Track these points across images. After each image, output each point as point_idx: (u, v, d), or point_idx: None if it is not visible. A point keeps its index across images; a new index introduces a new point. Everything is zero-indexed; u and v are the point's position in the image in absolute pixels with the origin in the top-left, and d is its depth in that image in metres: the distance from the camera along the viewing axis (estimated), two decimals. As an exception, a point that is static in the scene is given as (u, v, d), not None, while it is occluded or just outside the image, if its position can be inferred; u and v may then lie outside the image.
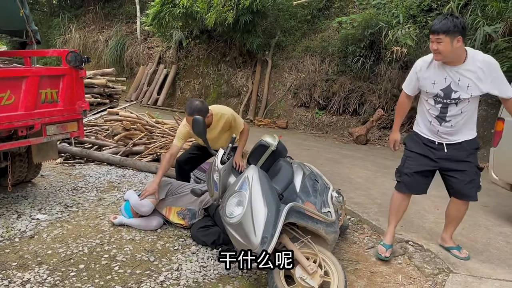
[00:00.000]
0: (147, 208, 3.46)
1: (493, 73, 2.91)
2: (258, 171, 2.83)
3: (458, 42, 2.81)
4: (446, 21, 2.81)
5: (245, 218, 2.57)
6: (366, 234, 3.77)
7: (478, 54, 2.96)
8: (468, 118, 3.06)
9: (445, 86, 2.99)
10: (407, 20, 9.59)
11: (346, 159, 6.90)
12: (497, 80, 2.92)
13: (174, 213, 3.57)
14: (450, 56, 2.89)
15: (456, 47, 2.83)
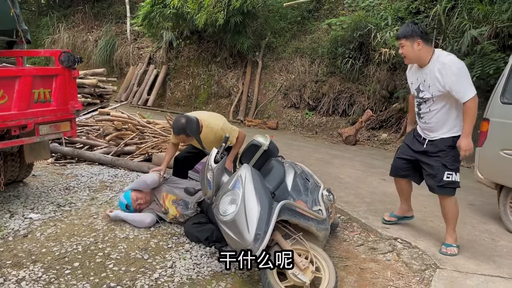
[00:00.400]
0: (151, 177, 3.64)
1: (451, 75, 3.12)
2: (251, 170, 2.89)
3: (419, 45, 3.19)
4: (405, 27, 3.26)
5: (239, 215, 2.63)
6: (356, 232, 3.86)
7: (441, 56, 3.22)
8: (441, 116, 3.28)
9: (417, 86, 3.37)
10: (395, 22, 9.73)
11: (335, 159, 7.00)
12: (454, 83, 3.12)
13: (169, 200, 3.65)
14: (414, 59, 3.29)
15: (417, 49, 3.20)
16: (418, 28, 3.22)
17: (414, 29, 3.20)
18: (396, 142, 9.13)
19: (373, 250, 3.49)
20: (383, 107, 10.08)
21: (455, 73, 3.11)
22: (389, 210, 4.28)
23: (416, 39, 3.18)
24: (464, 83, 3.12)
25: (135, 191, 3.63)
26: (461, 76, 3.12)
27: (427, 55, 3.23)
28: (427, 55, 3.23)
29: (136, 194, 3.61)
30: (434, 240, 3.59)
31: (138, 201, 3.60)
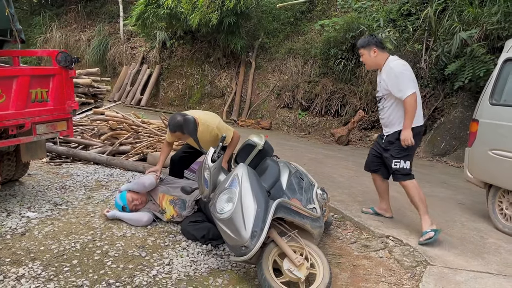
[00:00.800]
0: (149, 180, 3.66)
1: (393, 78, 3.64)
2: (247, 169, 2.96)
3: (374, 52, 3.75)
4: (363, 39, 3.87)
5: (235, 213, 2.69)
6: (349, 230, 3.94)
7: (391, 61, 3.72)
8: (391, 112, 3.77)
9: (377, 87, 3.92)
10: (387, 24, 9.87)
11: (328, 159, 7.08)
12: (394, 85, 3.63)
13: (167, 201, 3.69)
14: (372, 65, 3.86)
15: (374, 56, 3.77)
16: (373, 38, 3.80)
17: (370, 40, 3.78)
18: (388, 142, 9.24)
19: (365, 247, 3.57)
20: (375, 107, 10.19)
21: (396, 75, 3.60)
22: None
23: (372, 48, 3.76)
24: (402, 84, 3.58)
25: (131, 192, 3.67)
26: (400, 78, 3.59)
27: (382, 60, 3.75)
28: (382, 60, 3.76)
29: (132, 195, 3.65)
30: (425, 238, 3.69)
31: (134, 202, 3.64)
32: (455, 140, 8.12)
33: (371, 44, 3.77)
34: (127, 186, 3.76)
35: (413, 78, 3.71)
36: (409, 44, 9.54)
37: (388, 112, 3.79)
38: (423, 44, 9.41)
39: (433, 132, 8.64)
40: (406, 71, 3.65)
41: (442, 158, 7.96)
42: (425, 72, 9.30)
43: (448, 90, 8.88)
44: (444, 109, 8.86)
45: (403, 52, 9.67)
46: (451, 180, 6.07)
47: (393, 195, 4.87)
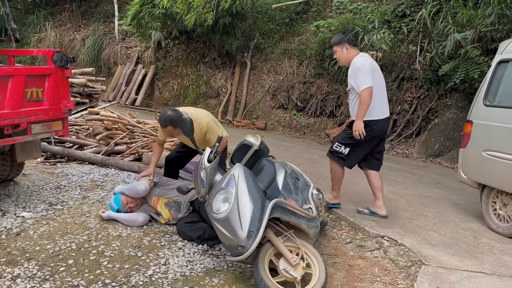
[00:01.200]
0: (143, 186, 3.61)
1: (352, 72, 3.96)
2: (244, 169, 2.97)
3: (347, 49, 4.04)
4: (336, 37, 4.18)
5: (232, 213, 2.70)
6: (344, 230, 3.96)
7: (356, 57, 4.00)
8: (354, 105, 4.06)
9: None
10: (382, 25, 9.92)
11: (323, 160, 7.07)
12: (352, 78, 3.96)
13: (161, 204, 3.68)
14: (345, 61, 4.13)
15: (346, 53, 4.06)
16: (345, 36, 4.12)
17: (343, 37, 4.09)
18: (382, 143, 9.28)
19: (360, 247, 3.60)
20: (369, 108, 10.24)
21: (355, 70, 3.91)
22: (376, 209, 4.41)
23: (344, 45, 4.05)
24: (359, 78, 3.87)
25: (125, 195, 3.65)
26: (358, 73, 3.88)
27: (353, 57, 4.02)
28: (352, 57, 4.02)
29: (126, 198, 3.64)
30: (419, 238, 3.72)
31: (128, 205, 3.62)
32: (449, 141, 8.18)
33: (343, 42, 4.05)
34: (121, 188, 3.73)
35: (373, 73, 3.94)
36: (403, 45, 9.60)
37: (352, 104, 4.11)
38: (417, 45, 9.46)
39: (427, 133, 8.69)
40: (365, 66, 3.90)
41: (436, 159, 8.02)
42: (420, 73, 9.36)
43: (442, 92, 8.94)
44: (438, 110, 8.91)
45: (397, 53, 9.75)
46: (445, 181, 6.11)
47: (388, 196, 4.92)
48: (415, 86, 9.56)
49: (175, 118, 3.54)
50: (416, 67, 9.46)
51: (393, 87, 9.85)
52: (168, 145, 5.85)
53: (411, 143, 8.96)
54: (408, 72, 9.65)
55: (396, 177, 6.13)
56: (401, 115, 9.52)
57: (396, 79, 9.97)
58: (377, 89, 3.98)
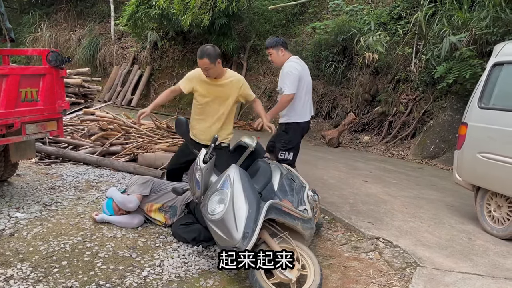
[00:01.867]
0: (133, 204, 3.53)
1: (281, 75, 4.19)
2: (239, 170, 2.96)
3: (282, 52, 4.24)
4: (271, 39, 4.31)
5: (227, 214, 2.70)
6: (339, 231, 3.96)
7: (288, 61, 4.19)
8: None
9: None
10: (378, 27, 9.94)
11: (319, 161, 7.11)
12: (280, 81, 4.20)
13: (155, 210, 3.64)
14: (280, 63, 4.28)
15: (281, 55, 4.25)
16: (280, 39, 4.28)
17: (278, 41, 4.25)
18: (378, 144, 9.32)
19: (356, 249, 3.60)
20: (365, 110, 10.28)
21: (284, 74, 4.13)
22: (371, 211, 4.42)
23: (279, 48, 4.22)
24: (285, 83, 4.10)
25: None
26: (285, 78, 4.10)
27: (286, 60, 4.20)
28: (286, 60, 4.21)
29: (118, 205, 3.60)
30: (414, 240, 3.72)
31: (120, 212, 3.56)
32: (444, 143, 8.20)
33: (278, 45, 4.22)
34: (113, 193, 3.63)
35: (301, 79, 4.15)
36: (399, 47, 9.62)
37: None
38: (413, 47, 9.48)
39: (422, 135, 8.72)
40: (294, 72, 4.10)
41: (431, 160, 8.04)
42: (415, 75, 9.39)
43: (438, 94, 8.97)
44: (434, 112, 8.94)
45: (393, 56, 9.78)
46: (440, 183, 6.13)
47: (383, 197, 4.93)
48: (411, 88, 9.60)
49: (212, 53, 3.57)
50: (411, 69, 9.48)
51: (389, 89, 9.89)
52: (164, 146, 5.84)
53: (407, 145, 8.99)
54: (404, 74, 9.69)
55: (392, 178, 6.14)
56: (396, 117, 9.55)
57: (392, 81, 10.01)
58: (305, 94, 4.28)
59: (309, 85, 4.41)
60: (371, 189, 5.34)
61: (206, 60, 3.57)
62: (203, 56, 3.57)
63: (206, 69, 3.66)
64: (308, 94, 4.41)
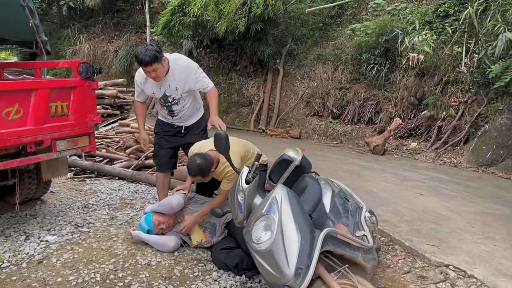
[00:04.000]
0: (177, 200, 3.30)
1: (194, 74, 3.71)
2: (287, 192, 2.57)
3: (165, 61, 3.48)
4: (149, 53, 3.31)
5: (275, 245, 2.31)
6: (399, 256, 3.48)
7: (177, 60, 3.66)
8: (192, 107, 3.88)
9: (162, 94, 3.68)
10: (423, 26, 9.36)
11: (365, 171, 6.62)
12: (199, 80, 3.76)
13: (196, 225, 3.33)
14: (164, 74, 3.55)
15: (166, 65, 3.52)
16: (158, 48, 3.42)
17: (157, 51, 3.37)
18: (427, 151, 8.69)
19: (422, 278, 3.11)
20: (411, 114, 9.65)
21: (196, 71, 3.68)
22: (433, 231, 3.91)
23: (163, 58, 3.43)
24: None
25: (157, 214, 3.33)
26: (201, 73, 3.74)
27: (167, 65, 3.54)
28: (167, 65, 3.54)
29: (158, 218, 3.32)
30: (492, 268, 3.18)
31: (160, 226, 3.30)
32: (502, 149, 7.50)
33: (161, 55, 3.44)
34: (152, 207, 3.41)
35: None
36: (447, 47, 8.98)
37: (189, 108, 3.84)
38: (463, 46, 8.82)
39: (477, 141, 8.03)
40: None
41: (488, 168, 7.35)
42: (466, 76, 8.71)
43: (492, 95, 8.26)
44: (489, 115, 8.23)
45: (441, 56, 9.14)
46: (505, 194, 5.50)
47: (444, 213, 4.41)
48: (461, 90, 8.91)
49: (204, 167, 3.12)
50: (461, 70, 8.81)
51: (436, 91, 9.25)
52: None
53: (459, 151, 8.31)
54: (453, 75, 9.02)
55: (448, 190, 5.56)
56: (446, 121, 8.88)
57: (440, 82, 9.36)
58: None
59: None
60: (428, 204, 4.81)
61: (199, 177, 3.19)
62: (195, 174, 3.14)
63: (197, 179, 3.33)
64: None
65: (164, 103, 3.73)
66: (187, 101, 3.78)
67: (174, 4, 11.13)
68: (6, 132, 3.09)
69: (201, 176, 3.15)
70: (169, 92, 3.64)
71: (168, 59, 3.53)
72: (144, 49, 3.31)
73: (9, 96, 3.13)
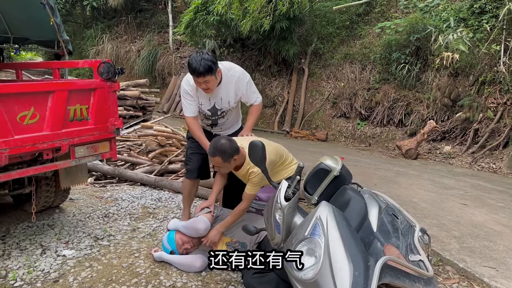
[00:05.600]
0: (204, 225, 2.95)
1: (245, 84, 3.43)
2: (333, 210, 2.23)
3: (219, 72, 3.17)
4: (203, 64, 2.98)
5: (322, 275, 1.97)
6: (453, 279, 3.09)
7: (230, 70, 3.33)
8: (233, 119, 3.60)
9: (211, 106, 3.38)
10: (457, 23, 8.85)
11: (400, 177, 6.20)
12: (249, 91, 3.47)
13: (223, 244, 3.03)
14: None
15: (219, 77, 3.20)
16: (213, 58, 3.07)
17: (213, 61, 3.04)
18: (462, 155, 8.20)
19: (482, 308, 2.73)
20: (444, 116, 9.17)
21: (249, 84, 3.41)
22: (486, 249, 3.51)
23: (217, 69, 3.12)
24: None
25: (180, 233, 3.03)
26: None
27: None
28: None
29: (182, 237, 3.01)
30: None
31: (184, 246, 3.00)
32: None
33: (218, 66, 3.11)
34: (176, 224, 3.10)
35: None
36: (483, 45, 8.45)
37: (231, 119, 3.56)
38: (501, 44, 8.29)
39: (518, 145, 7.52)
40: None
41: (532, 175, 6.85)
42: (505, 75, 8.18)
43: (536, 96, 7.73)
44: (531, 117, 7.70)
45: (477, 54, 8.62)
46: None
47: (495, 228, 4.00)
48: (500, 91, 8.38)
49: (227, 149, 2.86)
50: (500, 69, 8.28)
51: (472, 92, 8.74)
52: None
53: (498, 156, 7.79)
54: (490, 75, 8.50)
55: (495, 200, 5.12)
56: (483, 123, 8.37)
57: (475, 83, 8.85)
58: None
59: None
60: (475, 216, 4.39)
61: (218, 159, 2.89)
62: (215, 153, 2.87)
63: (217, 166, 3.02)
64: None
65: (211, 116, 3.40)
66: (232, 112, 3.49)
67: (198, 3, 10.89)
68: (21, 138, 2.84)
69: (222, 157, 2.85)
70: (220, 105, 3.34)
71: (221, 70, 3.20)
72: (200, 57, 3.00)
73: (24, 99, 2.88)
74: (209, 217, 3.01)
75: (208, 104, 3.34)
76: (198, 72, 2.99)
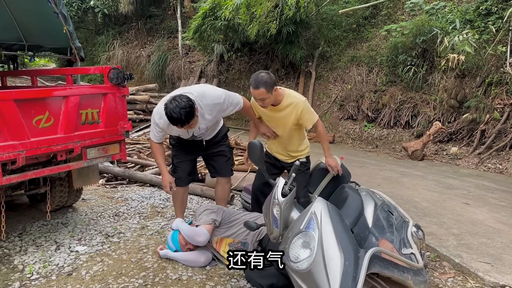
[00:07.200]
0: (203, 237, 3.06)
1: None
2: (327, 206, 2.37)
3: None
4: (260, 80, 3.03)
5: (316, 265, 2.11)
6: (448, 274, 3.20)
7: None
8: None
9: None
10: (463, 25, 8.91)
11: (405, 178, 6.29)
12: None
13: (225, 245, 3.16)
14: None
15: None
16: (190, 101, 2.94)
17: (191, 106, 2.94)
18: (469, 156, 8.23)
19: (475, 301, 2.84)
20: (451, 118, 9.20)
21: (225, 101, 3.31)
22: (484, 246, 3.60)
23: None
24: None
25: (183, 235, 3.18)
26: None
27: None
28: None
29: (185, 239, 3.15)
30: (555, 290, 2.87)
31: (187, 246, 3.12)
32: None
33: (195, 106, 2.99)
34: (179, 225, 3.21)
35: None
36: (490, 46, 8.50)
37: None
38: (507, 46, 8.34)
39: (526, 146, 7.55)
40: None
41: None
42: (511, 76, 8.21)
43: (542, 97, 7.76)
44: (538, 118, 7.73)
45: (483, 56, 8.67)
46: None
47: (495, 226, 4.08)
48: (506, 92, 8.41)
49: (268, 80, 3.03)
50: (506, 70, 8.31)
51: (479, 93, 8.77)
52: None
53: (505, 157, 7.82)
54: (497, 76, 8.53)
55: (497, 199, 5.19)
56: (490, 124, 8.39)
57: (482, 84, 8.88)
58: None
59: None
60: (476, 215, 4.47)
61: (263, 90, 3.03)
62: (259, 85, 3.01)
63: (262, 99, 3.13)
64: None
65: (191, 138, 3.41)
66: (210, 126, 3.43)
67: (206, 8, 11.10)
68: (37, 140, 3.03)
69: (265, 87, 3.02)
70: (198, 132, 3.32)
71: (195, 103, 3.04)
72: (178, 108, 2.86)
73: (40, 103, 3.08)
74: (210, 228, 3.11)
75: (186, 135, 3.34)
76: (182, 122, 2.93)
